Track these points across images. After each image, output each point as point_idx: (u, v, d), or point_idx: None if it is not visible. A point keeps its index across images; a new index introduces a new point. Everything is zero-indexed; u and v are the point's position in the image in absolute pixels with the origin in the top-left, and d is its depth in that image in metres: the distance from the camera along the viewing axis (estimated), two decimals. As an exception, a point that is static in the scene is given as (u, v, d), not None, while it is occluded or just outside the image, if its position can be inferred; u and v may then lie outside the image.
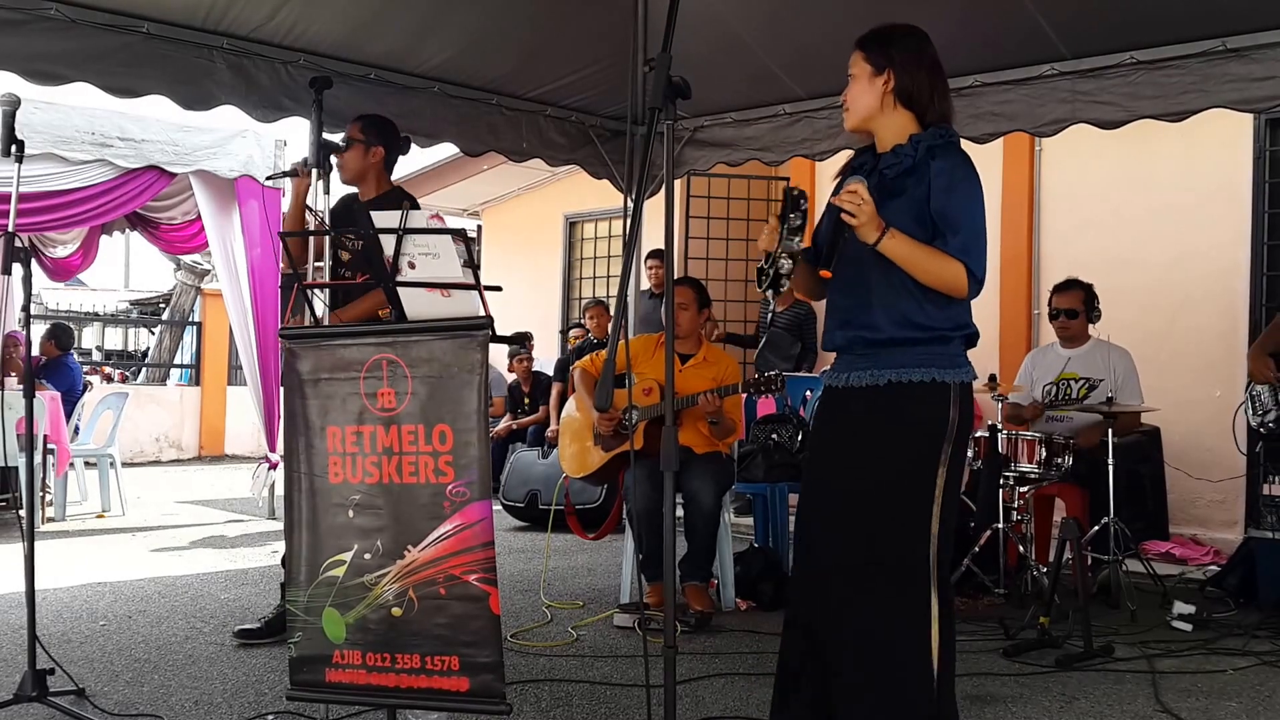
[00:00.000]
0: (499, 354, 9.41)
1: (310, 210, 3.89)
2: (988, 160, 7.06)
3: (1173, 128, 4.57)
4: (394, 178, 4.26)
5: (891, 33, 2.62)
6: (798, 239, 2.54)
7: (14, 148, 3.29)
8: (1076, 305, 5.22)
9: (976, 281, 2.50)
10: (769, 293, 2.64)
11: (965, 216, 2.50)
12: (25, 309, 3.28)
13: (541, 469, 7.32)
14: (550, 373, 9.08)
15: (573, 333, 9.32)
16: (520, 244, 11.57)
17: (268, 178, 4.86)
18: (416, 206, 3.84)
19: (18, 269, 3.21)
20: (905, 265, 2.47)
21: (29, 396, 3.32)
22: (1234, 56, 4.24)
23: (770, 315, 7.68)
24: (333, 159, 4.01)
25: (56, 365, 8.06)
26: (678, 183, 7.66)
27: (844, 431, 2.62)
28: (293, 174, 4.06)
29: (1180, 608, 4.54)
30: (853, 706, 2.48)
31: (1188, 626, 4.42)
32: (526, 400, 8.96)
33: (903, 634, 2.47)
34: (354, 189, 4.16)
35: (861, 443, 2.56)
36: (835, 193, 2.64)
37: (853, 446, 2.58)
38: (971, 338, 2.60)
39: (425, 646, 2.78)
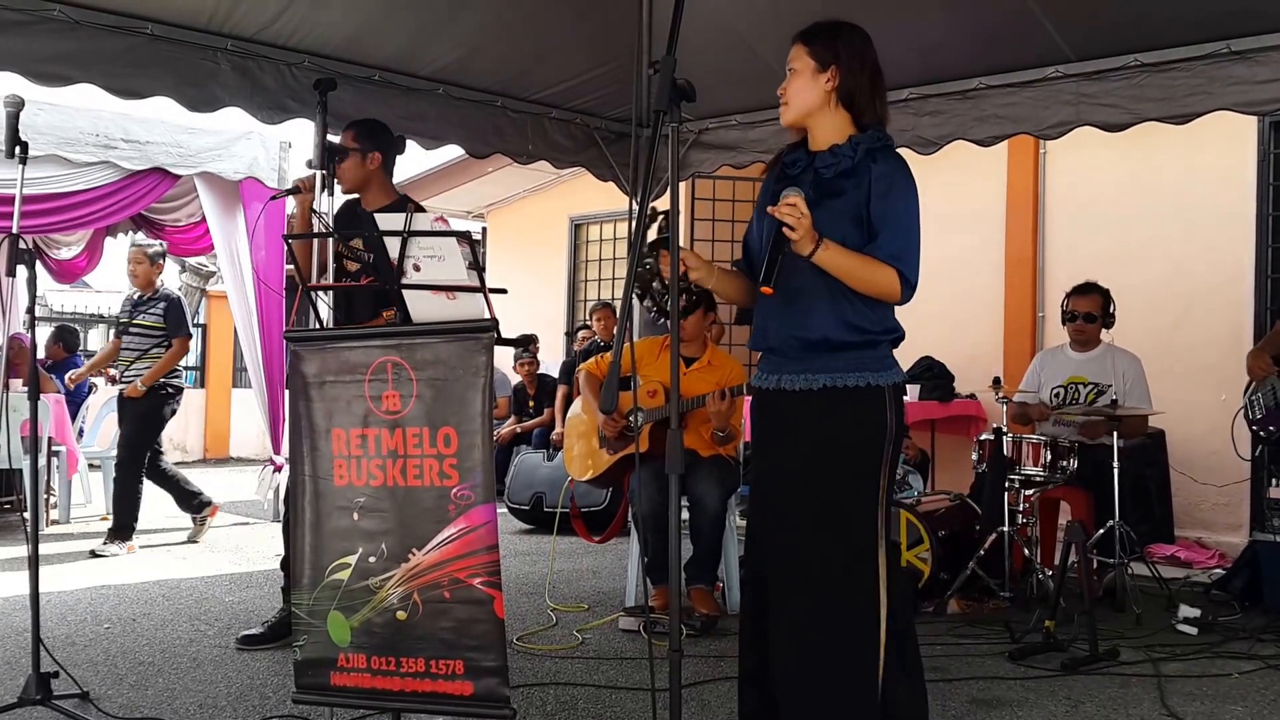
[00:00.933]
0: (504, 356, 9.42)
1: (316, 214, 3.89)
2: (992, 162, 7.13)
3: (1177, 130, 4.56)
4: (399, 179, 4.24)
5: (838, 29, 2.60)
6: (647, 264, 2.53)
7: (18, 149, 3.29)
8: (1095, 309, 5.20)
9: (910, 286, 2.50)
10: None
11: (901, 221, 2.50)
12: (30, 311, 3.28)
13: (546, 471, 7.32)
14: (555, 375, 9.09)
15: (580, 334, 9.31)
16: (525, 246, 11.58)
17: (272, 197, 4.82)
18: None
19: (22, 271, 3.22)
20: (839, 275, 2.47)
21: (34, 399, 3.32)
22: (1238, 59, 4.23)
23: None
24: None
25: (63, 367, 8.07)
26: (682, 185, 7.66)
27: (782, 436, 2.60)
28: (295, 190, 4.05)
29: (1185, 611, 4.53)
30: (796, 707, 2.48)
31: (1193, 630, 4.41)
32: (531, 403, 8.96)
33: (851, 635, 2.46)
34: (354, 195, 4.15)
35: (801, 448, 2.55)
36: (765, 191, 2.64)
37: (793, 452, 2.56)
38: (898, 340, 2.60)
39: (430, 650, 2.78)
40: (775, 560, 2.56)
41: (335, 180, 3.99)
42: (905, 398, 2.66)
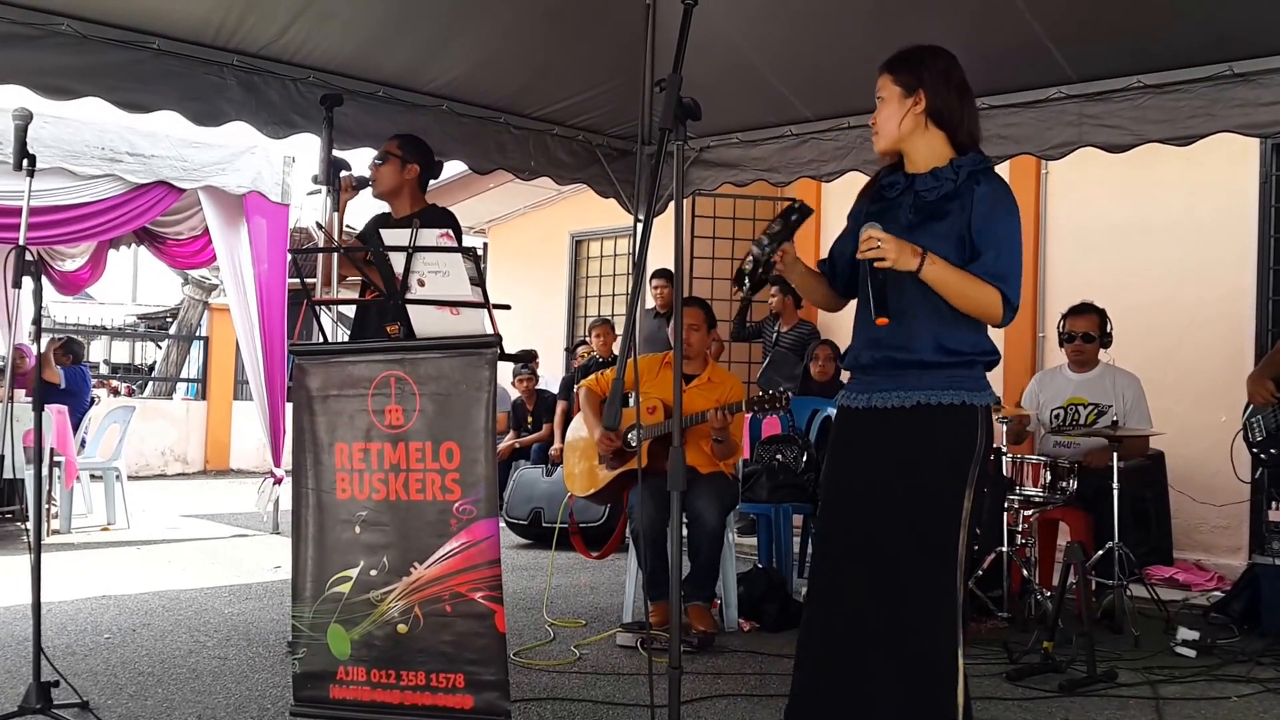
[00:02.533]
0: (503, 371, 9.42)
1: (321, 227, 3.90)
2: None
3: (1179, 152, 4.59)
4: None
5: (920, 53, 2.61)
6: (768, 244, 2.53)
7: (25, 162, 3.31)
8: (1092, 329, 5.19)
9: (1011, 308, 2.51)
10: (741, 289, 2.64)
11: (1006, 243, 2.51)
12: (36, 323, 3.29)
13: (545, 486, 7.32)
14: (555, 390, 9.09)
15: (580, 350, 9.32)
16: (526, 262, 11.60)
17: (317, 220, 4.77)
18: (458, 225, 3.87)
19: (28, 283, 3.23)
20: (943, 290, 2.48)
21: (38, 410, 3.33)
22: (1241, 81, 4.25)
23: (775, 335, 7.69)
24: (367, 172, 4.02)
25: (68, 377, 8.09)
26: (684, 202, 7.68)
27: (868, 453, 2.59)
28: (335, 209, 4.05)
29: (1184, 633, 4.52)
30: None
31: (1192, 653, 4.40)
32: (530, 419, 8.96)
33: (934, 656, 2.45)
34: (382, 208, 4.17)
35: (888, 465, 2.55)
36: (857, 211, 2.66)
37: (878, 468, 2.56)
38: (993, 362, 2.61)
39: (430, 664, 2.78)
40: (852, 575, 2.54)
41: (342, 191, 4.01)
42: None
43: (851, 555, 2.56)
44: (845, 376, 6.57)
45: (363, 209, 4.40)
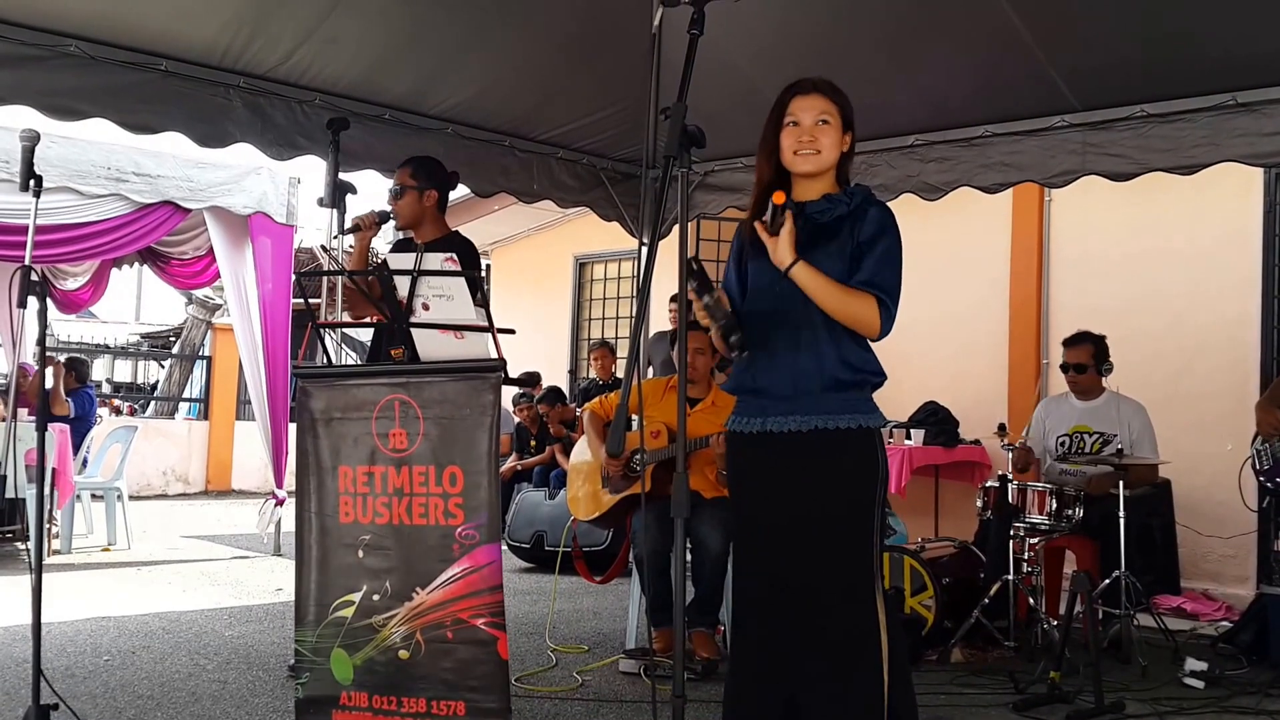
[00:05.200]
0: (505, 394, 9.39)
1: (328, 254, 3.91)
2: (997, 209, 7.16)
3: (1183, 181, 4.59)
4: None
5: (846, 96, 2.66)
6: (718, 308, 2.52)
7: (33, 182, 3.32)
8: (1085, 360, 5.20)
9: (889, 315, 2.52)
10: (736, 352, 2.62)
11: (886, 257, 2.54)
12: (40, 342, 3.29)
13: (548, 510, 7.29)
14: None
15: (540, 407, 8.95)
16: (529, 284, 11.61)
17: (334, 236, 4.71)
18: (476, 253, 3.86)
19: (33, 302, 3.22)
20: (816, 293, 2.49)
21: (41, 430, 3.32)
22: (1244, 111, 4.26)
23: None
24: (387, 207, 4.01)
25: (73, 398, 8.09)
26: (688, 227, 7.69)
27: (770, 483, 2.57)
28: (355, 229, 4.03)
29: (1192, 664, 4.48)
30: None
31: (1200, 684, 4.36)
32: (533, 442, 8.95)
33: (859, 673, 2.45)
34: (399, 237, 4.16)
35: (791, 492, 2.54)
36: (734, 253, 2.71)
37: (783, 499, 2.55)
38: (880, 383, 2.61)
39: (431, 690, 2.76)
40: (769, 607, 2.54)
41: (348, 211, 4.00)
42: (909, 442, 2.67)
43: (771, 600, 2.54)
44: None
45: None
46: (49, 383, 3.66)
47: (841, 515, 2.51)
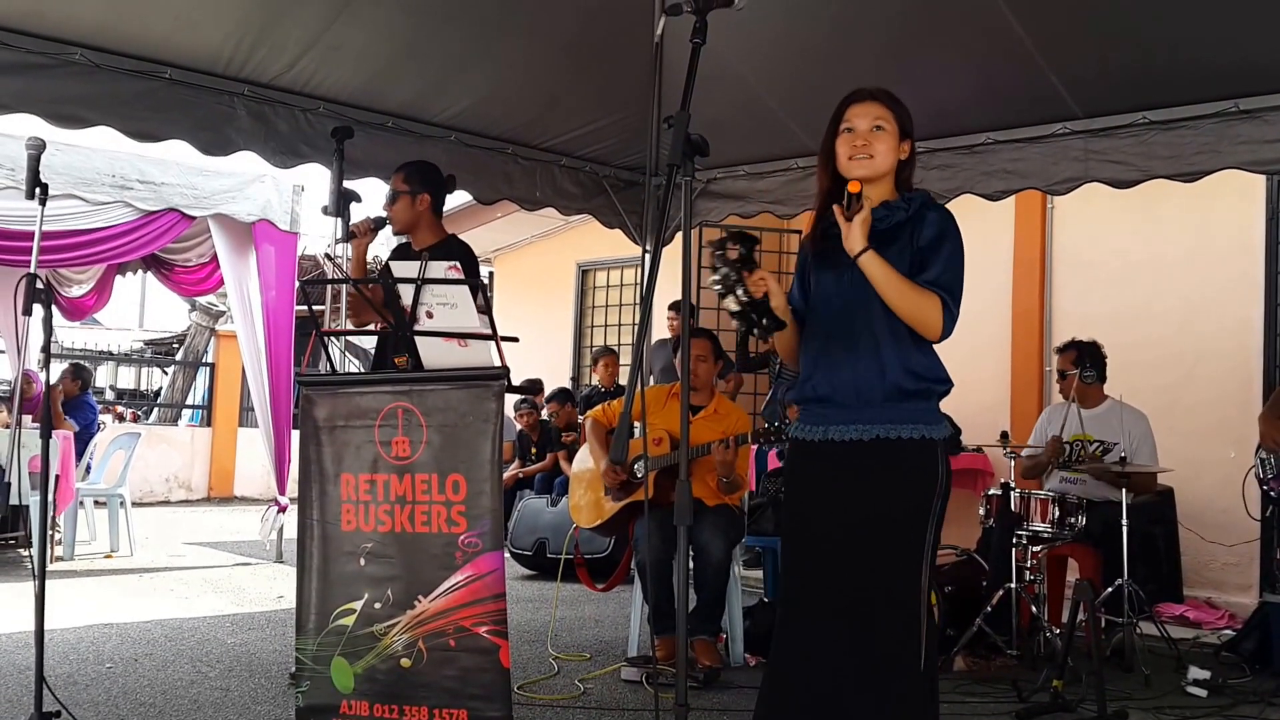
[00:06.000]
0: (508, 401, 9.37)
1: (333, 261, 3.92)
2: (1000, 217, 7.16)
3: (1185, 188, 4.59)
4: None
5: (906, 107, 2.65)
6: (729, 277, 2.49)
7: (38, 190, 3.33)
8: (1067, 366, 5.27)
9: (951, 317, 2.51)
10: (752, 337, 2.61)
11: (950, 260, 2.54)
12: (45, 349, 3.29)
13: (550, 517, 7.28)
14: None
15: (549, 406, 9.04)
16: (532, 291, 11.62)
17: (333, 244, 4.75)
18: (474, 257, 3.87)
19: (38, 310, 3.23)
20: (882, 285, 2.48)
21: (45, 437, 3.32)
22: (1246, 118, 4.26)
23: (779, 365, 7.68)
24: (383, 212, 4.03)
25: (76, 404, 8.10)
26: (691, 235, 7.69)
27: (827, 490, 2.57)
28: (351, 236, 4.06)
29: (1195, 673, 4.47)
30: None
31: (1203, 692, 4.35)
32: (535, 449, 8.95)
33: (899, 694, 2.44)
34: (397, 241, 4.18)
35: (848, 500, 2.53)
36: (801, 263, 2.69)
37: (838, 507, 2.54)
38: (946, 392, 2.61)
39: (433, 699, 2.76)
40: (816, 622, 2.52)
41: (352, 219, 4.02)
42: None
43: (816, 603, 2.54)
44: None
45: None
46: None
47: (895, 525, 2.49)
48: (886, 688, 2.45)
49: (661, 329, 7.66)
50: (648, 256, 2.44)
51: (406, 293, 2.84)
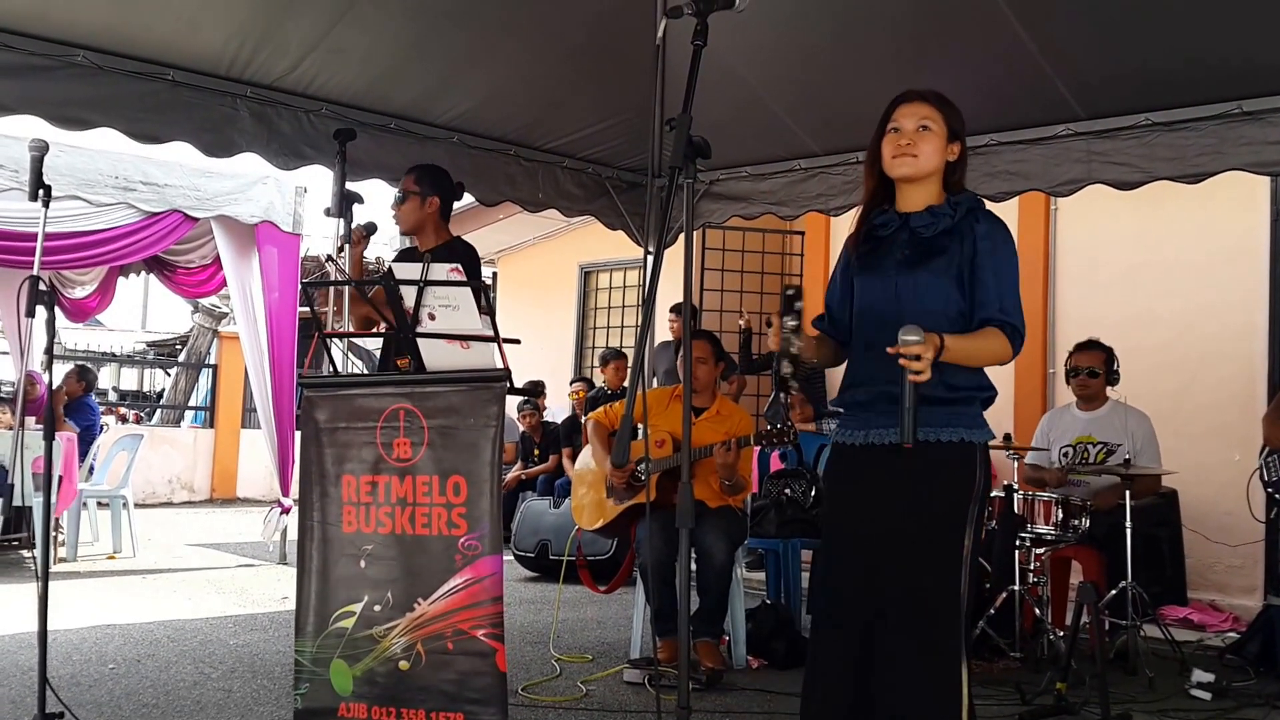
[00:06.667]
0: (509, 402, 9.38)
1: (331, 266, 3.93)
2: (1003, 218, 7.12)
3: (1188, 189, 4.58)
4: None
5: (956, 107, 2.63)
6: (794, 339, 2.48)
7: (41, 191, 3.33)
8: (1098, 365, 5.18)
9: (1020, 337, 2.52)
10: (782, 395, 2.63)
11: (1008, 279, 2.53)
12: (49, 351, 3.29)
13: (552, 519, 7.28)
14: (560, 422, 9.07)
15: (574, 387, 9.24)
16: (535, 293, 11.63)
17: (329, 254, 4.79)
18: (477, 259, 3.87)
19: (41, 312, 3.23)
20: (962, 361, 2.47)
21: (49, 438, 3.33)
22: (1250, 119, 4.25)
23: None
24: (391, 211, 4.04)
25: (77, 405, 8.11)
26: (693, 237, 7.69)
27: (867, 491, 2.58)
28: (348, 241, 4.07)
29: (1199, 675, 4.46)
30: None
31: (1207, 695, 4.34)
32: (537, 450, 8.95)
33: (937, 697, 2.43)
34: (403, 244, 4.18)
35: (887, 503, 2.53)
36: (845, 256, 2.65)
37: (877, 507, 2.54)
38: (990, 399, 2.59)
39: (431, 702, 2.76)
40: (855, 626, 2.52)
41: (355, 221, 4.02)
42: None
43: (856, 606, 2.53)
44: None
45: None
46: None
47: (933, 529, 2.49)
48: (927, 692, 2.44)
49: (664, 331, 7.66)
50: (650, 258, 2.44)
51: (409, 295, 2.84)
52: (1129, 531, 4.64)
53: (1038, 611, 4.85)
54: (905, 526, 2.49)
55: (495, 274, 12.27)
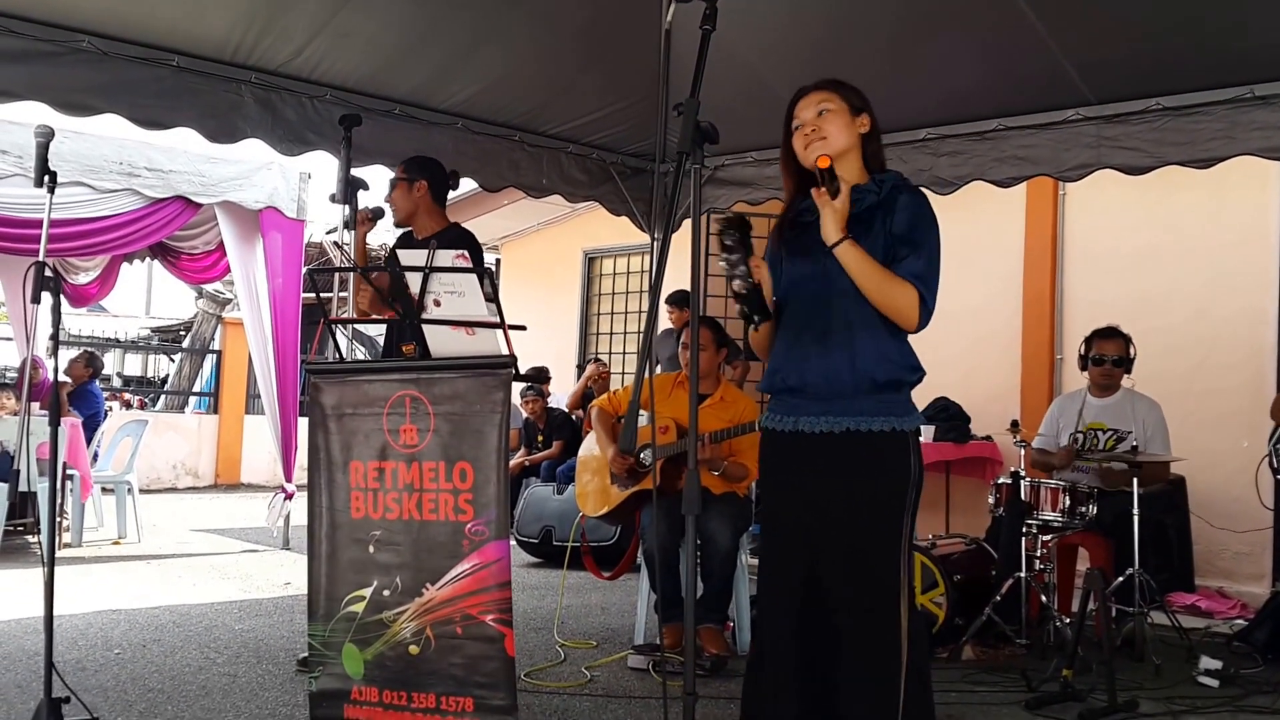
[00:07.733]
0: (514, 388, 9.39)
1: (336, 248, 3.93)
2: (1011, 203, 7.12)
3: (1198, 174, 4.55)
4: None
5: (852, 85, 2.66)
6: (738, 260, 2.49)
7: (47, 177, 3.32)
8: (1123, 354, 5.15)
9: (927, 310, 2.50)
10: (750, 327, 2.63)
11: (926, 247, 2.52)
12: (54, 337, 3.29)
13: (556, 505, 7.29)
14: (565, 408, 9.07)
15: (590, 366, 9.32)
16: (539, 279, 11.61)
17: (332, 231, 4.82)
18: (478, 246, 3.88)
19: (46, 298, 3.22)
20: (859, 276, 2.47)
21: (54, 424, 3.32)
22: (1261, 104, 4.22)
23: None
24: (384, 203, 4.07)
25: (81, 391, 8.12)
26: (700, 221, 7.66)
27: (803, 481, 2.56)
28: (351, 226, 4.08)
29: (1206, 663, 4.45)
30: None
31: (1214, 682, 4.33)
32: (541, 437, 8.95)
33: (874, 684, 2.43)
34: (401, 230, 4.20)
35: (821, 496, 2.52)
36: (771, 255, 2.68)
37: (812, 500, 2.53)
38: (918, 381, 2.58)
39: (441, 686, 2.76)
40: (796, 614, 2.52)
41: (360, 206, 4.03)
42: (919, 439, 2.62)
43: (796, 595, 2.52)
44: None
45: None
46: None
47: (869, 518, 2.48)
48: (869, 679, 2.44)
49: (664, 321, 7.64)
50: (657, 244, 2.43)
51: (414, 281, 2.83)
52: (1136, 518, 4.63)
53: (1044, 598, 4.84)
54: (844, 518, 2.48)
55: (499, 260, 12.26)
